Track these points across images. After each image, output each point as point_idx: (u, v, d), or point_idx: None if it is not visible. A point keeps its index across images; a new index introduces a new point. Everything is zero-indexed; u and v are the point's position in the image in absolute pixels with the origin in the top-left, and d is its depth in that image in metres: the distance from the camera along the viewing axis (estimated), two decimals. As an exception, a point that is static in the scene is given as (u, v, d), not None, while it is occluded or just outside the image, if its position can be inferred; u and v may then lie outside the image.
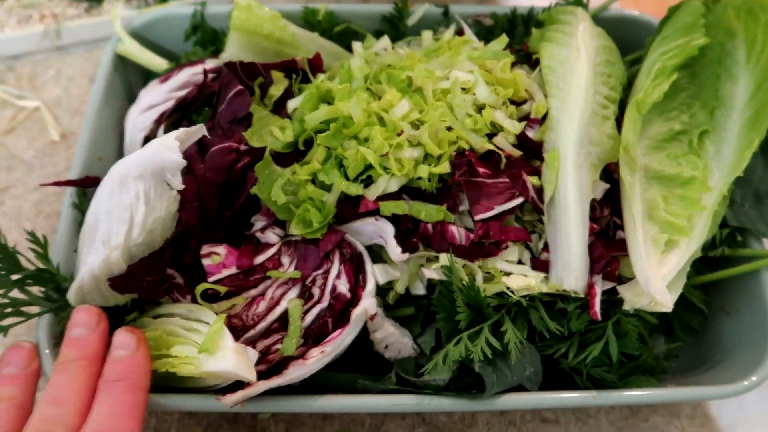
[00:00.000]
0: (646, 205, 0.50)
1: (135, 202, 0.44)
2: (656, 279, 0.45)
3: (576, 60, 0.52)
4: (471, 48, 0.56)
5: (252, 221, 0.51)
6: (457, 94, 0.49)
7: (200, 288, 0.46)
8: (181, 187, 0.45)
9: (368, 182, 0.48)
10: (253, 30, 0.57)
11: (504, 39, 0.55)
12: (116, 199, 0.45)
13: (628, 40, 0.63)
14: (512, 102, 0.52)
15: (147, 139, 0.56)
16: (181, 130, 0.45)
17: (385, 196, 0.47)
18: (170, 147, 0.44)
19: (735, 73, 0.53)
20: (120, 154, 0.59)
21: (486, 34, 0.64)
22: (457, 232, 0.46)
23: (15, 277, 0.46)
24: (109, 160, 0.57)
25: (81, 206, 0.52)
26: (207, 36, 0.64)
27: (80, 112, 0.71)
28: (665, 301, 0.45)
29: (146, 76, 0.64)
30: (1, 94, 0.71)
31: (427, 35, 0.60)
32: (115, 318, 0.47)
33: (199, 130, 0.46)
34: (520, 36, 0.64)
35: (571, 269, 0.46)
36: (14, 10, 0.75)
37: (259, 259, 0.48)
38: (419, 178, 0.47)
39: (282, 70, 0.55)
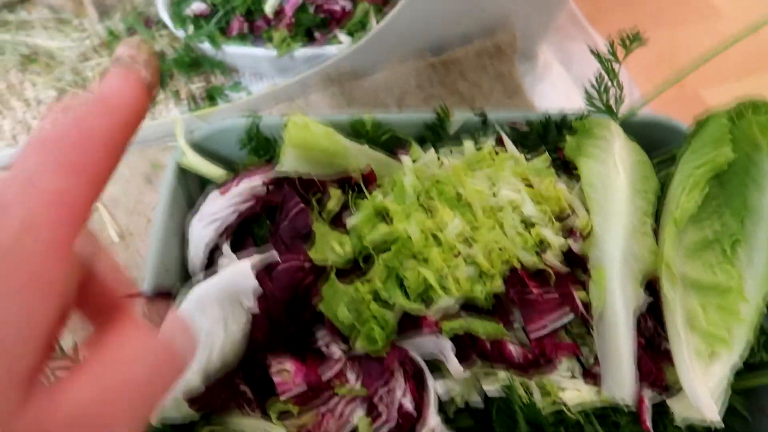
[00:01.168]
0: (686, 314, 0.53)
1: (215, 327, 0.48)
2: (704, 394, 0.48)
3: (615, 178, 0.56)
4: (514, 162, 0.60)
5: (316, 335, 0.54)
6: (508, 214, 0.53)
7: (276, 408, 0.48)
8: (257, 310, 0.48)
9: (427, 298, 0.51)
10: (308, 146, 0.61)
11: (547, 157, 0.59)
12: (196, 324, 0.48)
13: (655, 140, 0.67)
14: (558, 218, 0.56)
15: (211, 251, 0.60)
16: (255, 257, 0.49)
17: (445, 314, 0.50)
18: (246, 275, 0.48)
19: (762, 183, 0.57)
20: (182, 262, 0.62)
21: (521, 138, 0.68)
22: (515, 351, 0.49)
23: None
24: (173, 269, 0.60)
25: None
26: (260, 144, 0.68)
27: (137, 211, 0.75)
28: (713, 417, 0.47)
29: (202, 181, 0.68)
30: (61, 194, 0.75)
31: (469, 145, 0.64)
32: (188, 428, 0.50)
33: (271, 256, 0.50)
34: (553, 139, 0.68)
35: (622, 383, 0.49)
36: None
37: (327, 374, 0.51)
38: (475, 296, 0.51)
39: (338, 185, 0.59)
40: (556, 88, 0.86)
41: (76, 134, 0.25)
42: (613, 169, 0.56)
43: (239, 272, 0.47)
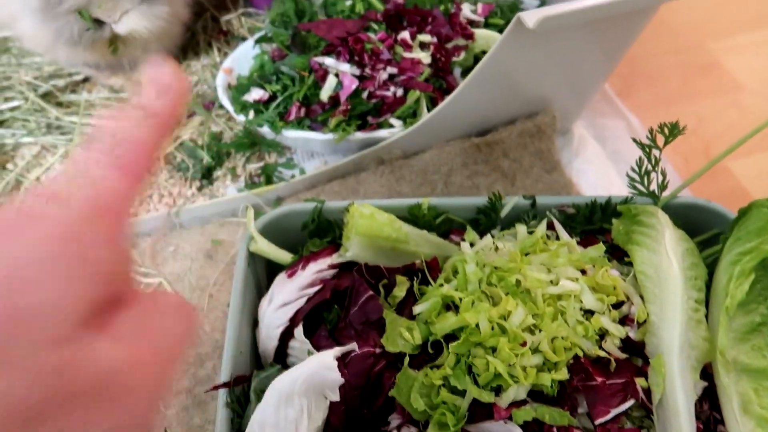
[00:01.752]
0: (740, 398, 0.56)
1: (299, 415, 0.51)
2: (764, 481, 0.51)
3: (668, 268, 0.59)
4: (568, 249, 0.64)
5: (388, 419, 0.57)
6: (570, 305, 0.56)
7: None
8: (338, 399, 0.51)
9: (496, 388, 0.54)
10: (374, 234, 0.65)
11: (601, 247, 0.62)
12: (282, 414, 0.51)
13: (695, 221, 0.71)
14: (613, 305, 0.59)
15: (283, 335, 0.63)
16: (336, 349, 0.53)
17: (514, 402, 0.53)
18: (330, 366, 0.51)
19: (805, 270, 0.61)
20: (254, 345, 0.66)
21: (568, 220, 0.72)
22: (582, 438, 0.52)
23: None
24: (246, 351, 0.64)
25: (232, 404, 0.58)
26: (323, 226, 0.72)
27: (198, 287, 0.78)
28: (776, 504, 0.50)
29: (268, 264, 0.72)
30: (127, 270, 0.79)
31: (522, 230, 0.68)
32: None
33: (351, 347, 0.53)
34: (598, 221, 0.73)
35: (684, 469, 0.52)
36: (137, 191, 0.84)
37: (401, 460, 0.54)
38: (542, 384, 0.54)
39: (404, 273, 0.63)
40: (592, 164, 0.90)
41: (124, 138, 0.30)
42: (666, 259, 0.60)
43: (324, 364, 0.51)
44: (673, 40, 1.15)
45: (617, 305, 0.60)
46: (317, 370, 0.51)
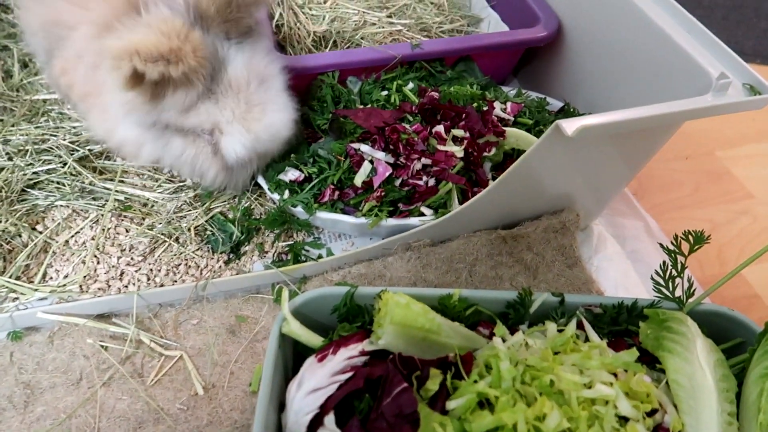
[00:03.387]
0: None
1: None
2: None
3: (702, 379, 0.60)
4: (600, 352, 0.64)
5: None
6: (608, 411, 0.56)
7: None
8: (373, 498, 0.50)
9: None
10: (408, 324, 0.65)
11: (634, 352, 0.63)
12: None
13: (718, 328, 0.72)
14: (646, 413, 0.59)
15: (312, 422, 0.62)
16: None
17: None
18: (368, 463, 0.50)
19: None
20: (279, 429, 0.64)
21: (595, 320, 0.73)
22: None
23: None
24: (273, 437, 0.62)
25: (259, 492, 0.57)
26: (353, 311, 0.72)
27: (219, 363, 0.77)
28: None
29: (295, 346, 0.71)
30: (149, 342, 0.78)
31: (551, 327, 0.69)
32: None
33: (388, 442, 0.52)
34: (624, 322, 0.74)
35: None
36: (164, 260, 0.85)
37: None
38: (578, 492, 0.53)
39: (437, 366, 0.63)
40: (612, 262, 0.92)
41: None
42: (699, 370, 0.61)
43: (362, 460, 0.50)
44: (685, 147, 1.20)
45: (650, 413, 0.60)
46: (355, 466, 0.50)
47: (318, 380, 0.65)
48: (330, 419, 0.61)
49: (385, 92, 0.95)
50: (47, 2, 0.88)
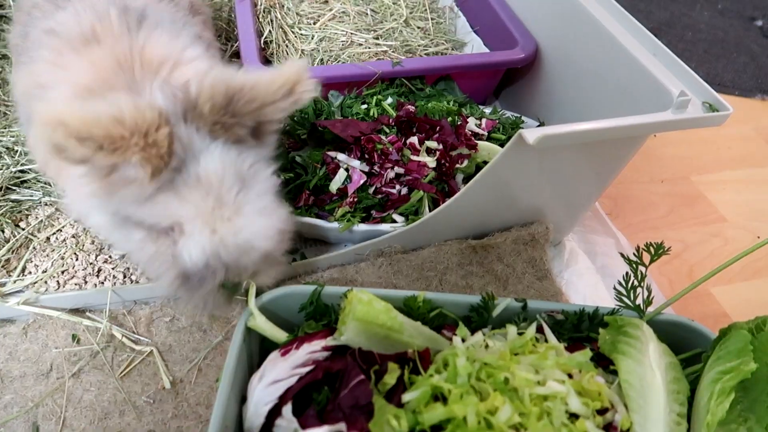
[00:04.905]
0: None
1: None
2: None
3: (652, 380, 0.61)
4: (557, 353, 0.66)
5: None
6: (557, 406, 0.58)
7: None
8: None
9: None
10: (370, 320, 0.67)
11: (587, 352, 0.64)
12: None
13: (677, 338, 0.74)
14: (597, 411, 0.60)
15: (271, 412, 0.63)
16: (325, 429, 0.53)
17: (496, 500, 0.53)
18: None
19: (783, 394, 0.63)
20: (239, 421, 0.65)
21: (557, 326, 0.75)
22: None
23: None
24: (231, 428, 0.63)
25: (213, 478, 0.58)
26: (319, 309, 0.74)
27: (188, 359, 0.79)
28: None
29: (262, 341, 0.73)
30: (120, 336, 0.79)
31: (512, 330, 0.71)
32: None
33: (340, 429, 0.54)
34: (586, 329, 0.75)
35: None
36: (142, 260, 0.87)
37: None
38: (525, 484, 0.54)
39: (396, 361, 0.64)
40: (582, 276, 0.94)
41: None
42: (650, 371, 0.62)
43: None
44: (661, 170, 1.23)
45: (602, 411, 0.61)
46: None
47: (279, 372, 0.66)
48: (287, 409, 0.63)
49: (365, 106, 0.99)
50: (31, 67, 0.77)
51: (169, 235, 0.67)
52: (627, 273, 0.76)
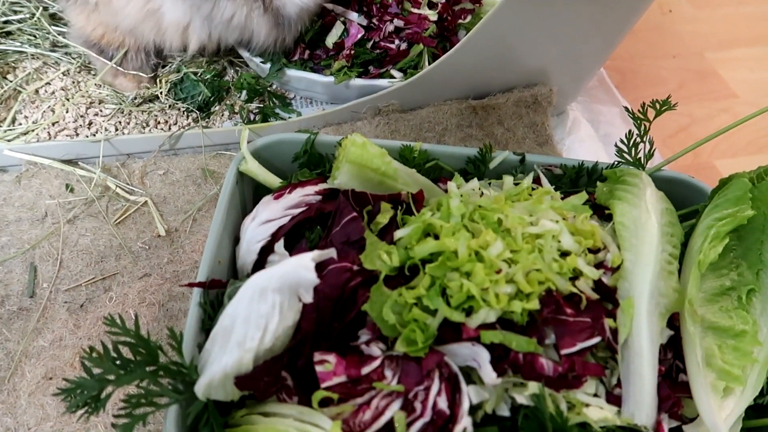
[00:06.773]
0: (703, 352, 0.57)
1: (271, 311, 0.51)
2: (720, 422, 0.52)
3: (647, 221, 0.61)
4: (552, 198, 0.65)
5: (358, 334, 0.57)
6: (548, 241, 0.57)
7: (318, 395, 0.51)
8: (311, 301, 0.52)
9: (467, 309, 0.55)
10: (364, 164, 0.66)
11: (583, 195, 0.64)
12: (255, 307, 0.52)
13: (677, 196, 0.72)
14: (589, 250, 0.60)
15: (263, 249, 0.63)
16: (316, 252, 0.53)
17: (483, 325, 0.54)
18: (307, 267, 0.51)
19: (777, 241, 0.62)
20: (233, 258, 0.66)
21: (555, 180, 0.74)
22: (546, 364, 0.53)
23: (150, 368, 0.52)
24: (225, 263, 0.64)
25: (204, 305, 0.58)
26: (313, 159, 0.73)
27: (183, 210, 0.79)
28: (728, 445, 0.51)
29: (256, 188, 0.72)
30: (114, 187, 0.79)
31: (508, 180, 0.70)
32: (224, 412, 0.53)
33: (330, 253, 0.54)
34: (584, 184, 0.74)
35: (642, 406, 0.52)
36: (133, 114, 0.85)
37: (365, 370, 0.54)
38: (512, 312, 0.55)
39: (389, 201, 0.63)
40: (583, 144, 0.92)
41: None
42: (645, 213, 0.61)
43: (301, 264, 0.51)
44: (674, 46, 1.17)
45: (594, 251, 0.61)
46: (294, 269, 0.51)
47: (271, 213, 0.66)
48: (279, 245, 0.63)
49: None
50: None
51: None
52: (630, 131, 0.74)
